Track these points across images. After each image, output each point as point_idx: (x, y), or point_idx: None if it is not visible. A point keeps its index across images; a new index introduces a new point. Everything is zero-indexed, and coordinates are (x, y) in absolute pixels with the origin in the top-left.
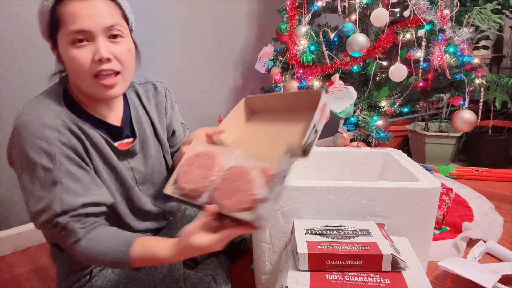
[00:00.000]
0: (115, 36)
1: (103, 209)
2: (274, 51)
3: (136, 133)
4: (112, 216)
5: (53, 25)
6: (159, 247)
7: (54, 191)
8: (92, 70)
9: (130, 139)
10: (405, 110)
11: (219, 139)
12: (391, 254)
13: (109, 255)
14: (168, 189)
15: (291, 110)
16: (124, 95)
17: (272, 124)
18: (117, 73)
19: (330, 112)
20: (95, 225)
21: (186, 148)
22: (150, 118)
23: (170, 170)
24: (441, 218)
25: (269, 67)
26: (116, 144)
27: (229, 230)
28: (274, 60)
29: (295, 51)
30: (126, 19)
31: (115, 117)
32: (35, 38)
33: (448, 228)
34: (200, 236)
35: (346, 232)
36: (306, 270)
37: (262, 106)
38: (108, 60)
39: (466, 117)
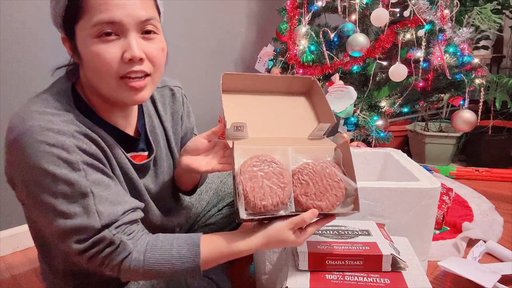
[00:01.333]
0: (148, 32)
1: (140, 214)
2: (274, 51)
3: (152, 148)
4: None
5: (72, 12)
6: (234, 240)
7: (87, 204)
8: (120, 70)
9: (145, 153)
10: (405, 110)
11: (239, 134)
12: (391, 254)
13: (176, 263)
14: (243, 214)
15: (271, 92)
16: None
17: (260, 104)
18: (147, 75)
19: None
20: (141, 233)
21: (204, 163)
22: (164, 129)
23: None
24: (441, 218)
25: (269, 67)
26: (129, 155)
27: (314, 227)
28: (274, 60)
29: (295, 51)
30: (159, 12)
31: (129, 126)
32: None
33: (448, 228)
34: (290, 232)
35: (346, 232)
36: (306, 270)
37: (241, 86)
38: (141, 60)
39: (466, 117)
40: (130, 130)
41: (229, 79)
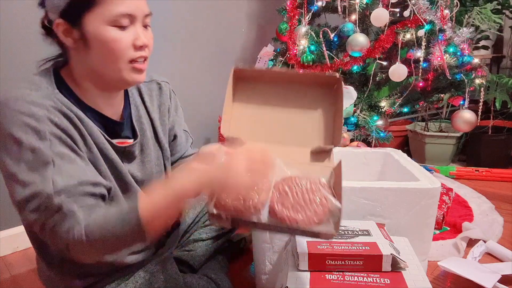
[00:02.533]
0: (146, 24)
1: (102, 191)
2: (274, 51)
3: (137, 134)
4: None
5: (80, 2)
6: (170, 180)
7: (45, 173)
8: (130, 55)
9: (130, 140)
10: (405, 110)
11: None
12: (391, 254)
13: (115, 224)
14: (212, 209)
15: (290, 89)
16: (126, 91)
17: (275, 104)
18: (146, 59)
19: None
20: (95, 207)
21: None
22: (151, 119)
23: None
24: (441, 218)
25: (269, 67)
26: (114, 141)
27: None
28: (274, 60)
29: (295, 51)
30: None
31: (114, 113)
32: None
33: (448, 228)
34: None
35: (346, 232)
36: (306, 270)
37: (253, 81)
38: (146, 46)
39: (466, 117)
40: (116, 117)
41: (242, 73)
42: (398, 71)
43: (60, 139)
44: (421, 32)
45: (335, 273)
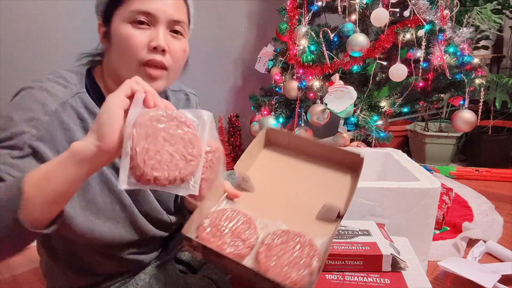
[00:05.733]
0: (176, 32)
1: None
2: (274, 51)
3: None
4: (128, 219)
5: (113, 0)
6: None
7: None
8: (143, 57)
9: None
10: (405, 110)
11: (246, 184)
12: (391, 254)
13: None
14: (123, 182)
15: (316, 158)
16: None
17: (298, 168)
18: (165, 68)
19: (330, 112)
20: None
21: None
22: None
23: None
24: (441, 218)
25: (269, 67)
26: None
27: None
28: (274, 60)
29: (295, 51)
30: (189, 21)
31: None
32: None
33: (448, 228)
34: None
35: (346, 232)
36: None
37: (284, 142)
38: (163, 51)
39: (466, 117)
40: None
41: (273, 133)
42: (398, 71)
43: (44, 140)
44: (421, 32)
45: (335, 273)
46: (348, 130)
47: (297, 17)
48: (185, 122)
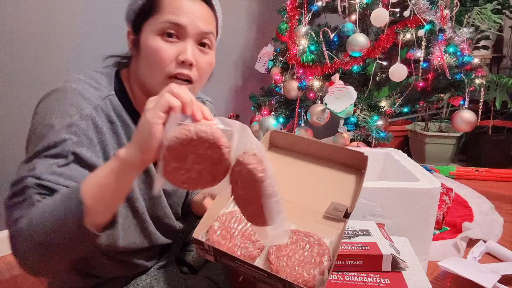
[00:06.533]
0: (204, 44)
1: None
2: (274, 51)
3: None
4: (139, 226)
5: (145, 9)
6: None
7: (49, 161)
8: (170, 70)
9: None
10: (405, 110)
11: None
12: (391, 254)
13: (55, 206)
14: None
15: (320, 159)
16: None
17: (303, 169)
18: (190, 82)
19: (330, 112)
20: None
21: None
22: None
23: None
24: (441, 218)
25: (269, 67)
26: None
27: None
28: (274, 60)
29: (295, 51)
30: (217, 32)
31: None
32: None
33: (448, 228)
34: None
35: (346, 232)
36: None
37: (288, 144)
38: (191, 65)
39: (466, 117)
40: None
41: (277, 136)
42: (398, 71)
43: (89, 140)
44: (421, 32)
45: (335, 273)
46: (348, 130)
47: (297, 17)
48: (214, 143)
